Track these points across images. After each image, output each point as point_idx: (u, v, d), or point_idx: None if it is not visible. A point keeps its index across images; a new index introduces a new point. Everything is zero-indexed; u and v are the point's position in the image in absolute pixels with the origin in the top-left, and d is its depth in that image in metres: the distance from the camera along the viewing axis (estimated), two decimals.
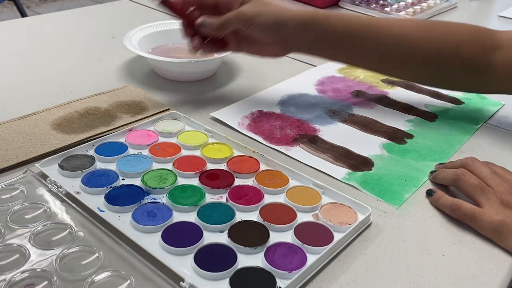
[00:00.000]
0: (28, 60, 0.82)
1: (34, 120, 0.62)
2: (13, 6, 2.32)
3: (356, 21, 0.66)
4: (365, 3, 1.23)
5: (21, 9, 2.25)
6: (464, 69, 0.65)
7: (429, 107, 0.75)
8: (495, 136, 0.68)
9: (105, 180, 0.52)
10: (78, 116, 0.64)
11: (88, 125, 0.62)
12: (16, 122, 0.62)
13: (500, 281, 0.45)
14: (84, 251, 0.43)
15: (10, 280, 0.40)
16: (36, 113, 0.64)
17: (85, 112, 0.65)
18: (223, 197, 0.51)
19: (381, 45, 0.65)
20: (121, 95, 0.71)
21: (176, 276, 0.40)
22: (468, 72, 0.65)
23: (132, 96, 0.71)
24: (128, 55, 0.84)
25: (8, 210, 0.47)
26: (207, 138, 0.61)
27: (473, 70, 0.65)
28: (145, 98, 0.71)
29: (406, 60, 0.66)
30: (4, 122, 0.61)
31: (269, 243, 0.45)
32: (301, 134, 0.65)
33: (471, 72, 0.65)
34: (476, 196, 0.51)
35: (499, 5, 1.35)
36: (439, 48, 0.65)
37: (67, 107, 0.66)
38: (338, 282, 0.43)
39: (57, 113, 0.64)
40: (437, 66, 0.66)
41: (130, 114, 0.66)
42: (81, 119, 0.64)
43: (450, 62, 0.65)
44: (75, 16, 1.07)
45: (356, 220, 0.49)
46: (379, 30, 0.65)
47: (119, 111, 0.66)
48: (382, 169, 0.59)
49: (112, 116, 0.65)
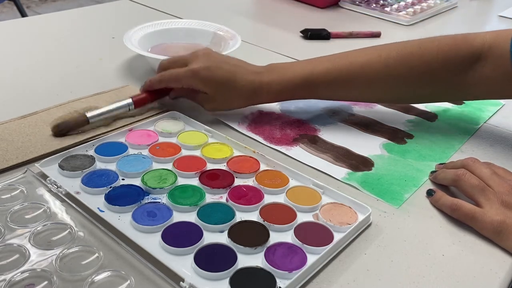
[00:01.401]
0: (28, 60, 0.82)
1: (34, 120, 0.62)
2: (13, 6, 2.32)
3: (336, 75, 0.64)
4: (365, 3, 1.23)
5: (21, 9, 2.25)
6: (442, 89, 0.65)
7: (429, 107, 0.75)
8: (495, 136, 0.68)
9: (105, 180, 0.52)
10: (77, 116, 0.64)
11: (88, 126, 0.62)
12: (16, 122, 0.62)
13: (500, 281, 0.45)
14: (84, 251, 0.43)
15: (10, 280, 0.39)
16: (36, 113, 0.64)
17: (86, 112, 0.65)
18: (223, 197, 0.51)
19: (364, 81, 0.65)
20: (122, 95, 0.70)
21: (176, 276, 0.40)
22: (445, 91, 0.65)
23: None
24: (128, 55, 0.84)
25: (8, 210, 0.47)
26: (207, 138, 0.61)
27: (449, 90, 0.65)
28: None
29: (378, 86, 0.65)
30: (4, 122, 0.61)
31: (269, 243, 0.45)
32: (301, 134, 0.65)
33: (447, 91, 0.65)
34: (476, 197, 0.51)
35: (499, 5, 1.35)
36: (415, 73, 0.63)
37: (67, 106, 0.66)
38: (338, 282, 0.43)
39: (57, 113, 0.64)
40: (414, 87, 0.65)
41: (130, 114, 0.66)
42: None
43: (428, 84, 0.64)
44: (75, 16, 1.07)
45: (356, 220, 0.49)
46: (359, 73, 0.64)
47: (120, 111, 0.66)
48: (382, 169, 0.59)
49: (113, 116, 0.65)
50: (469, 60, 0.62)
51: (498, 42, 0.60)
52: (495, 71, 0.60)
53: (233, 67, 0.65)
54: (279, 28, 1.06)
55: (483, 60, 0.61)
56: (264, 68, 0.66)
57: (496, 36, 0.61)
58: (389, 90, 0.66)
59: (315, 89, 0.65)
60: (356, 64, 0.64)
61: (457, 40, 0.63)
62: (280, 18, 1.15)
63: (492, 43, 0.61)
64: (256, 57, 0.71)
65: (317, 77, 0.64)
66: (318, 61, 0.66)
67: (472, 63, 0.61)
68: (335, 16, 1.18)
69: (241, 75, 0.64)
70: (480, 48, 0.61)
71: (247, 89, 0.64)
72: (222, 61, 0.65)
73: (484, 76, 0.61)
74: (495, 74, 0.61)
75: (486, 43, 0.61)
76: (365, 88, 0.65)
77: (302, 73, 0.64)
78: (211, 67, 0.63)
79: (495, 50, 0.60)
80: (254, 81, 0.64)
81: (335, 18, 1.17)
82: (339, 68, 0.64)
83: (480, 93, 0.65)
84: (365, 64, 0.63)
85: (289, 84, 0.64)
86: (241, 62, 0.67)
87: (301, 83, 0.64)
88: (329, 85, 0.64)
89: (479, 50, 0.61)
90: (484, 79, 0.61)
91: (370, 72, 0.63)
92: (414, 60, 0.62)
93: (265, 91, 0.65)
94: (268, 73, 0.65)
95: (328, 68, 0.64)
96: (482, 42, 0.61)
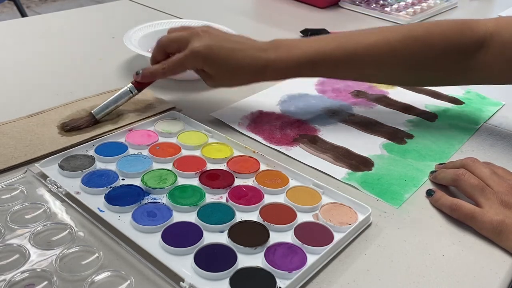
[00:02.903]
0: (28, 60, 0.82)
1: (42, 118, 0.62)
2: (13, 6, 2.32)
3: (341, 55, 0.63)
4: (365, 3, 1.22)
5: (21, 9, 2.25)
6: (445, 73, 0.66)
7: (429, 107, 0.75)
8: (495, 136, 0.68)
9: (105, 180, 0.52)
10: (85, 114, 0.64)
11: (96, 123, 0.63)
12: (24, 120, 0.62)
13: (500, 281, 0.45)
14: (84, 251, 0.43)
15: (10, 280, 0.39)
16: (44, 112, 0.64)
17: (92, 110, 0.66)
18: (223, 197, 0.51)
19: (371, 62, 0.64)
20: None
21: (176, 276, 0.40)
22: (447, 76, 0.66)
23: (138, 95, 0.71)
24: (128, 55, 0.84)
25: (8, 210, 0.47)
26: (207, 138, 0.61)
27: (452, 75, 0.66)
28: (150, 96, 0.71)
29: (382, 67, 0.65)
30: (12, 120, 0.62)
31: (269, 243, 0.45)
32: (301, 134, 0.65)
33: (449, 77, 0.66)
34: (476, 196, 0.51)
35: (499, 5, 1.35)
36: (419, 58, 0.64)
37: (74, 105, 0.66)
38: (338, 282, 0.43)
39: (65, 111, 0.64)
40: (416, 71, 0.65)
41: (137, 112, 0.67)
42: None
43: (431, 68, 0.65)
44: (75, 16, 1.07)
45: (356, 220, 0.49)
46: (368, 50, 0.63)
47: (126, 109, 0.67)
48: (382, 169, 0.59)
49: (118, 114, 0.66)
50: (473, 47, 0.62)
51: (499, 30, 0.62)
52: (496, 59, 0.62)
53: (235, 44, 0.62)
54: (279, 28, 1.06)
55: (485, 47, 0.62)
56: (269, 45, 0.63)
57: (496, 24, 0.62)
58: (393, 73, 0.66)
59: (320, 68, 0.64)
60: (362, 45, 0.63)
61: (461, 26, 0.64)
62: (280, 18, 1.15)
63: (493, 31, 0.62)
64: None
65: (323, 57, 0.62)
66: (324, 40, 0.64)
67: (475, 50, 0.63)
68: (335, 16, 1.18)
69: (245, 53, 0.62)
70: (483, 36, 0.62)
71: (252, 67, 0.62)
72: (223, 39, 0.62)
73: (486, 63, 0.63)
74: (496, 61, 0.62)
75: (488, 31, 0.62)
76: (370, 69, 0.65)
77: (308, 52, 0.62)
78: (213, 45, 0.61)
79: (497, 38, 0.62)
80: (259, 58, 0.62)
81: (335, 18, 1.17)
82: (344, 48, 0.63)
83: (481, 79, 0.66)
84: (371, 45, 0.63)
85: (295, 63, 0.62)
86: (243, 38, 0.64)
87: (307, 63, 0.62)
88: (334, 65, 0.63)
89: (482, 37, 0.62)
90: (486, 65, 0.63)
91: (376, 54, 0.63)
92: (419, 44, 0.63)
93: (271, 70, 0.62)
94: (273, 50, 0.62)
95: (334, 48, 0.63)
96: (485, 30, 0.62)
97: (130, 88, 0.65)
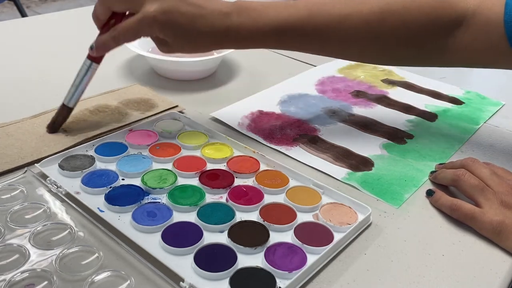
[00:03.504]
0: (28, 60, 0.82)
1: (45, 119, 0.62)
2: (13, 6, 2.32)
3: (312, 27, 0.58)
4: None
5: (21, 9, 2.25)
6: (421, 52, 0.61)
7: (429, 107, 0.75)
8: (495, 136, 0.68)
9: (105, 180, 0.52)
10: (89, 114, 0.65)
11: (100, 122, 0.63)
12: (28, 121, 0.62)
13: (500, 281, 0.45)
14: (84, 251, 0.43)
15: (10, 280, 0.39)
16: (47, 112, 0.64)
17: (96, 109, 0.66)
18: (223, 197, 0.51)
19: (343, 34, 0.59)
20: (130, 93, 0.72)
21: (176, 276, 0.40)
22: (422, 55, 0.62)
23: (140, 94, 0.72)
24: (128, 55, 0.84)
25: (8, 210, 0.47)
26: (207, 138, 0.61)
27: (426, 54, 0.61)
28: (153, 95, 0.72)
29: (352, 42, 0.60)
30: (17, 121, 0.62)
31: (269, 243, 0.45)
32: (301, 134, 0.65)
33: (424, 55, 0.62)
34: (476, 197, 0.51)
35: None
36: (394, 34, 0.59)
37: (77, 105, 0.66)
38: (338, 282, 0.43)
39: None
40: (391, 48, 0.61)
41: (140, 111, 0.67)
42: (92, 117, 0.64)
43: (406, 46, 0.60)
44: (75, 16, 1.07)
45: (356, 220, 0.49)
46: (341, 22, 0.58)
47: (129, 108, 0.67)
48: (382, 169, 0.59)
49: (122, 113, 0.66)
50: (451, 25, 0.58)
51: (481, 9, 0.57)
52: (476, 39, 0.58)
53: (195, 8, 0.55)
54: None
55: (465, 26, 0.58)
56: (232, 7, 0.56)
57: (480, 3, 0.58)
58: (367, 49, 0.61)
59: (288, 40, 0.59)
60: (334, 16, 0.57)
61: (441, 2, 0.59)
62: None
63: (475, 9, 0.57)
64: (256, 57, 0.71)
65: (291, 28, 0.57)
66: (295, 7, 0.58)
67: (453, 28, 0.58)
68: None
69: (206, 20, 0.55)
70: (463, 13, 0.58)
71: (212, 34, 0.56)
72: (180, 1, 0.55)
73: (465, 43, 0.58)
74: (476, 41, 0.58)
75: (470, 9, 0.57)
76: (342, 44, 0.60)
77: (275, 21, 0.57)
78: (170, 10, 0.53)
79: (479, 17, 0.57)
80: (220, 25, 0.55)
81: None
82: (315, 19, 0.57)
83: (458, 60, 0.61)
84: (344, 18, 0.57)
85: (259, 32, 0.57)
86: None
87: (273, 33, 0.57)
88: (303, 38, 0.58)
89: (462, 15, 0.58)
90: (465, 46, 0.58)
91: (349, 28, 0.58)
92: (395, 19, 0.58)
93: (233, 37, 0.57)
94: (237, 15, 0.56)
95: (304, 18, 0.57)
96: (465, 8, 0.58)
97: (88, 64, 0.62)
